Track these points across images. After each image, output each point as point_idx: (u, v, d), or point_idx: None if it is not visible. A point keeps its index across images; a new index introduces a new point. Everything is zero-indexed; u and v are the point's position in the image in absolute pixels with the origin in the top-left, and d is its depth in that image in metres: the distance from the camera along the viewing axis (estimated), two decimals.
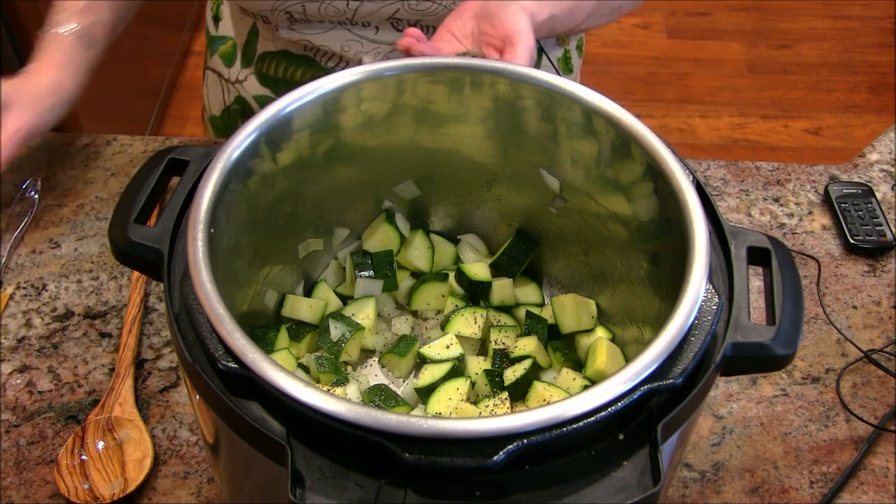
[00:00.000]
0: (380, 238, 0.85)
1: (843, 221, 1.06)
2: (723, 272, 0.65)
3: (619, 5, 1.06)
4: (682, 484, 0.83)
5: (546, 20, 0.93)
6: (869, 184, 1.11)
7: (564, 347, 0.81)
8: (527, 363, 0.78)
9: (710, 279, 0.61)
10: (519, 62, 0.84)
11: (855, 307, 0.99)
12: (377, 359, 0.84)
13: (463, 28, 0.92)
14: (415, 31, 0.88)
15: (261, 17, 1.09)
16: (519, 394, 0.77)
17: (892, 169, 1.14)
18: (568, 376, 0.77)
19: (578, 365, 0.80)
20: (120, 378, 0.88)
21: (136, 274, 0.99)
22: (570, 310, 0.82)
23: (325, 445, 0.53)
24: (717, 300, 0.60)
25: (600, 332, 0.81)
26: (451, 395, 0.76)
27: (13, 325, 0.95)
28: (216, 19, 1.21)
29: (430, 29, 1.07)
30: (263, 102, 1.13)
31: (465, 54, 0.90)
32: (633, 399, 0.54)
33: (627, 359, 0.77)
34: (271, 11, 1.06)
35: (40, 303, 0.97)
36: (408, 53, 0.86)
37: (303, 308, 0.81)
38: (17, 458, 0.84)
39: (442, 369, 0.78)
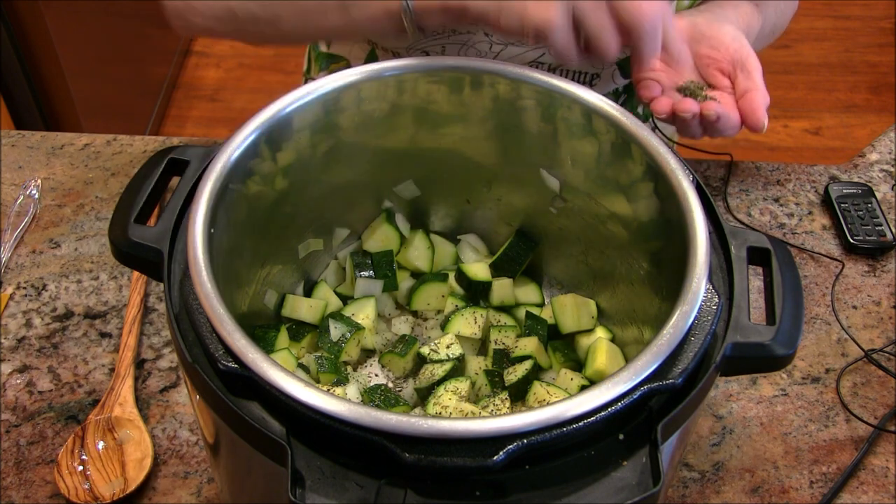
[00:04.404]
0: (380, 238, 0.85)
1: (843, 221, 1.06)
2: (723, 272, 0.65)
3: (773, 25, 1.01)
4: (682, 484, 0.83)
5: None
6: (869, 184, 1.11)
7: (564, 347, 0.81)
8: (527, 363, 0.78)
9: (710, 279, 0.61)
10: (759, 88, 0.79)
11: (855, 307, 0.99)
12: (377, 359, 0.84)
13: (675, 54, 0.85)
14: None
15: (394, 52, 1.06)
16: (519, 394, 0.77)
17: (892, 169, 1.14)
18: (566, 377, 0.77)
19: (578, 365, 0.80)
20: (120, 378, 0.88)
21: (136, 274, 0.99)
22: (570, 310, 0.82)
23: (325, 445, 0.53)
24: (717, 300, 0.60)
25: (600, 333, 0.81)
26: (451, 395, 0.76)
27: (13, 325, 0.95)
28: None
29: (567, 72, 1.03)
30: None
31: (689, 83, 0.84)
32: (633, 399, 0.54)
33: (627, 359, 0.77)
34: (406, 49, 1.03)
35: (40, 303, 0.97)
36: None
37: (303, 308, 0.81)
38: (17, 458, 0.84)
39: (442, 369, 0.78)
